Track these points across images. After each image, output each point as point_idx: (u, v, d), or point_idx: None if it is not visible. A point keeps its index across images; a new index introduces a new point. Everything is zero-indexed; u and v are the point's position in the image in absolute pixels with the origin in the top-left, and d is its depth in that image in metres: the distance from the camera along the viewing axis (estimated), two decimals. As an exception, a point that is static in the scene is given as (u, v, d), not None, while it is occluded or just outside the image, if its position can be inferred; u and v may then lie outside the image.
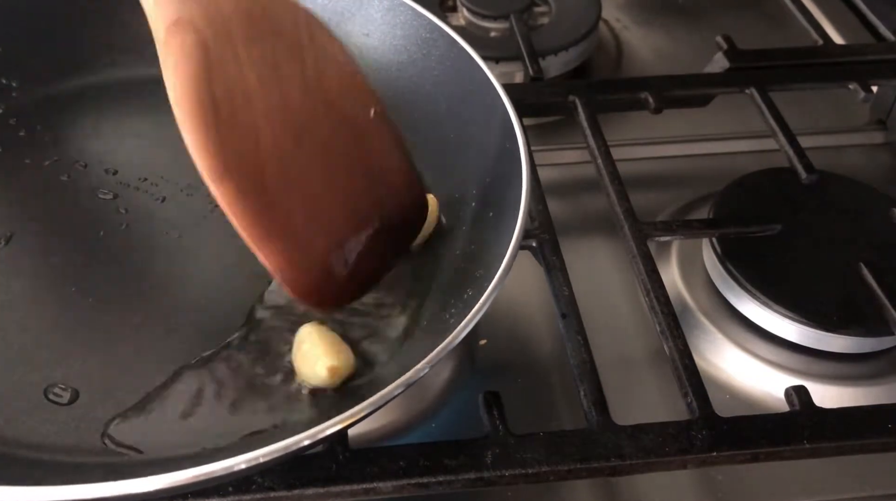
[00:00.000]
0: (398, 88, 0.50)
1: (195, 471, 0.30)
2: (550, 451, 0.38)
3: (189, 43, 0.34)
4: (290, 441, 0.31)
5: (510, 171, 0.42)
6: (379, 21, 0.52)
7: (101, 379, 0.40)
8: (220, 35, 0.35)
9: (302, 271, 0.37)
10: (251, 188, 0.35)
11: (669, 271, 0.53)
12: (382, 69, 0.51)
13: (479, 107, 0.46)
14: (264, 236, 0.36)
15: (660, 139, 0.63)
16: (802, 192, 0.54)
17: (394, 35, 0.51)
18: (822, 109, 0.66)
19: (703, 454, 0.39)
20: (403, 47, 0.51)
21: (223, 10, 0.35)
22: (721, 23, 0.74)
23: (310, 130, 0.37)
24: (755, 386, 0.48)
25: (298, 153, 0.37)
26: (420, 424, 0.44)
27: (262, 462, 0.31)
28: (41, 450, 0.37)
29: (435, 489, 0.37)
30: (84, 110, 0.52)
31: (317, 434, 0.31)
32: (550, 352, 0.49)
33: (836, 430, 0.40)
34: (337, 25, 0.52)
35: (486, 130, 0.46)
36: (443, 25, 0.49)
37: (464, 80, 0.48)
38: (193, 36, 0.34)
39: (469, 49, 0.48)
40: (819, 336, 0.48)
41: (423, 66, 0.50)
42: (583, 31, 0.66)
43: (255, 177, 0.35)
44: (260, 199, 0.35)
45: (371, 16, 0.52)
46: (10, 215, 0.47)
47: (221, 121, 0.34)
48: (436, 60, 0.49)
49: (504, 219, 0.41)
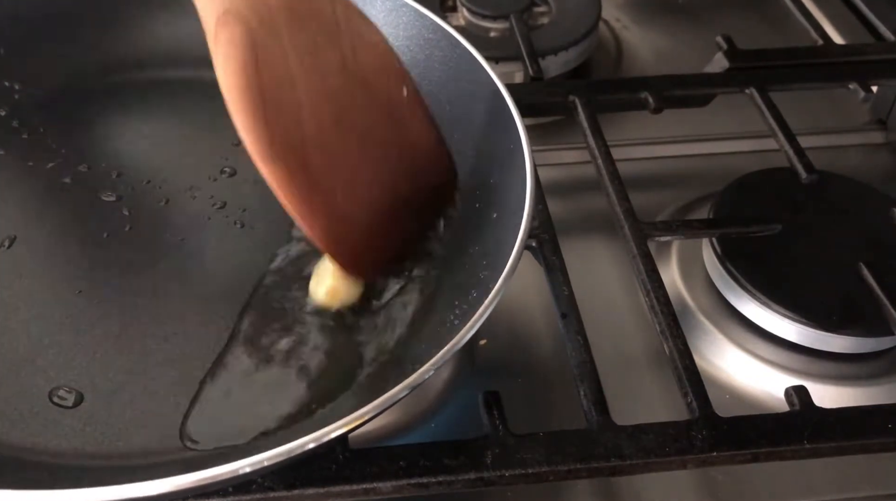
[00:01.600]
0: None
1: (196, 476, 0.30)
2: (550, 451, 0.38)
3: (237, 33, 0.36)
4: (296, 444, 0.31)
5: (513, 173, 0.42)
6: (381, 22, 0.51)
7: (105, 381, 0.40)
8: (266, 25, 0.37)
9: (346, 243, 0.40)
10: (297, 168, 0.37)
11: (669, 271, 0.53)
12: None
13: (481, 108, 0.46)
14: (310, 212, 0.38)
15: (660, 139, 0.63)
16: (802, 192, 0.54)
17: (396, 36, 0.51)
18: (822, 109, 0.66)
19: (703, 454, 0.39)
20: (406, 48, 0.51)
21: (268, 2, 0.37)
22: (721, 23, 0.74)
23: (348, 110, 0.40)
24: (755, 386, 0.48)
25: (338, 133, 0.39)
26: (420, 424, 0.44)
27: (267, 465, 0.31)
28: (45, 454, 0.37)
29: (435, 489, 0.37)
30: (87, 112, 0.53)
31: (321, 438, 0.31)
32: (550, 352, 0.49)
33: (836, 430, 0.40)
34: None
35: (490, 131, 0.46)
36: (446, 26, 0.49)
37: (467, 81, 0.48)
38: (241, 27, 0.36)
39: (472, 50, 0.48)
40: (819, 336, 0.48)
41: (426, 67, 0.50)
42: (583, 31, 0.66)
43: (300, 158, 0.37)
44: (306, 178, 0.38)
45: (373, 17, 0.51)
46: (13, 217, 0.47)
47: (269, 106, 0.36)
48: (438, 61, 0.49)
49: (508, 220, 0.41)
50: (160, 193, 0.48)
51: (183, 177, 0.49)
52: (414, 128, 0.43)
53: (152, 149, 0.51)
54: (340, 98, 0.39)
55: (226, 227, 0.47)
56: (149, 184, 0.49)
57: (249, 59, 0.36)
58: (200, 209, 0.48)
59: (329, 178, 0.39)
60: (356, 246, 0.41)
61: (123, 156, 0.50)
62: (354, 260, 0.41)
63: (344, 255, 0.40)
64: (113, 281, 0.44)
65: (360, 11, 0.41)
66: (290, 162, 0.37)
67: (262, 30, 0.36)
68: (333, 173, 0.39)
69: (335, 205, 0.39)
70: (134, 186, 0.49)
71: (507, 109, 0.44)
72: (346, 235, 0.40)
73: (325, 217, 0.39)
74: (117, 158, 0.50)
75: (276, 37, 0.37)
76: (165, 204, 0.48)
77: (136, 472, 0.33)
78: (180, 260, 0.45)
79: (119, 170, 0.49)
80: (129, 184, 0.49)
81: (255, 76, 0.36)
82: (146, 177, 0.49)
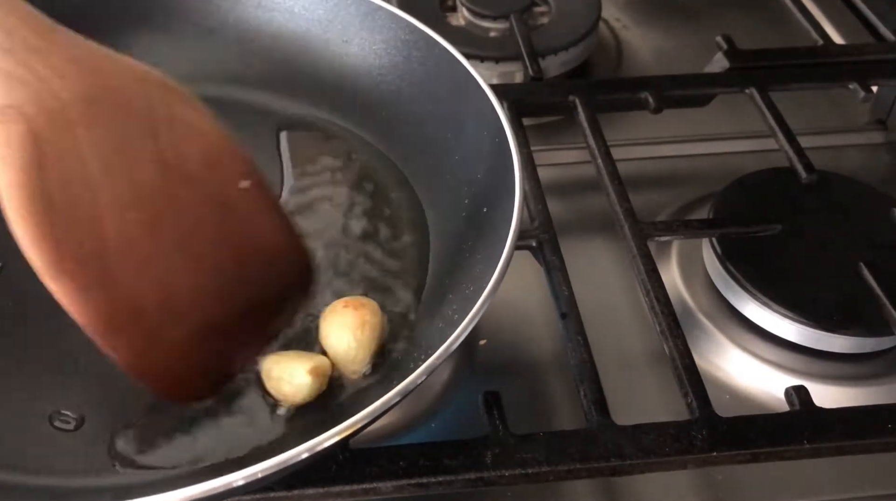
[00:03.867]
0: (381, 93, 0.50)
1: (191, 490, 0.30)
2: (550, 451, 0.38)
3: (16, 133, 0.31)
4: (289, 455, 0.30)
5: (501, 167, 0.42)
6: (357, 26, 0.52)
7: (104, 401, 0.39)
8: (56, 122, 0.32)
9: (162, 368, 0.36)
10: (94, 283, 0.33)
11: (669, 271, 0.53)
12: (364, 75, 0.51)
13: (464, 105, 0.46)
14: (113, 335, 0.34)
15: (660, 139, 0.63)
16: (802, 192, 0.54)
17: (373, 40, 0.51)
18: (822, 109, 0.66)
19: (703, 454, 0.39)
20: (384, 51, 0.51)
21: (59, 96, 0.32)
22: (721, 23, 0.74)
23: (166, 213, 0.35)
24: (755, 386, 0.48)
25: (153, 239, 0.35)
26: (420, 424, 0.44)
27: (261, 477, 0.30)
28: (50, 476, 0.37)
29: (435, 489, 0.37)
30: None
31: (315, 447, 0.31)
32: (550, 352, 0.49)
33: (836, 430, 0.40)
34: (315, 34, 0.52)
35: (473, 127, 0.45)
36: (421, 26, 0.49)
37: (447, 80, 0.48)
38: (22, 126, 0.31)
39: (450, 48, 0.48)
40: (819, 336, 0.48)
41: (405, 69, 0.50)
42: (583, 31, 0.66)
43: (98, 272, 0.33)
44: (105, 294, 0.33)
45: (349, 22, 0.52)
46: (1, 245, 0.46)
47: (58, 215, 0.32)
48: (417, 62, 0.49)
49: (498, 212, 0.40)
50: None
51: None
52: (258, 223, 0.38)
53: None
54: (156, 199, 0.34)
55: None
56: None
57: (32, 161, 0.31)
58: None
59: (139, 294, 0.34)
60: (177, 369, 0.36)
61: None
62: (173, 386, 0.36)
63: (158, 382, 0.36)
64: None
65: (184, 96, 0.36)
66: (84, 277, 0.32)
67: (51, 128, 0.32)
68: (145, 288, 0.34)
69: (147, 325, 0.34)
70: None
71: (491, 104, 0.44)
72: (163, 360, 0.35)
73: (136, 339, 0.34)
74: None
75: (69, 135, 0.32)
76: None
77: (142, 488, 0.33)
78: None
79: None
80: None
81: (38, 182, 0.31)
82: None
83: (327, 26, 0.52)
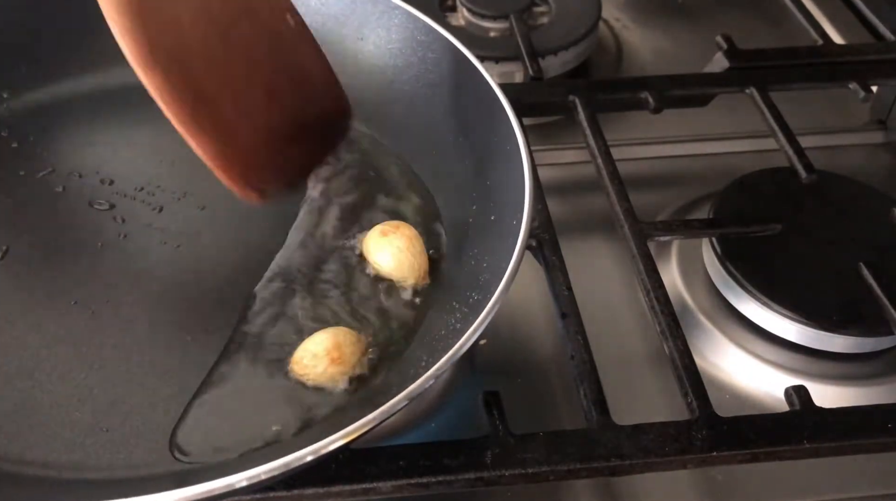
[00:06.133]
0: (394, 92, 0.50)
1: (191, 490, 0.30)
2: (550, 451, 0.38)
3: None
4: (293, 457, 0.31)
5: (511, 173, 0.42)
6: (373, 24, 0.51)
7: (104, 393, 0.39)
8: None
9: (233, 159, 0.40)
10: (179, 79, 0.37)
11: (669, 271, 0.53)
12: (377, 73, 0.51)
13: (476, 108, 0.46)
14: (193, 123, 0.38)
15: (660, 139, 0.63)
16: (802, 192, 0.54)
17: (389, 39, 0.51)
18: (822, 109, 0.66)
19: (703, 454, 0.39)
20: (399, 51, 0.50)
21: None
22: (721, 23, 0.74)
23: (232, 31, 0.40)
24: (755, 386, 0.48)
25: (224, 50, 0.40)
26: (420, 424, 0.44)
27: (264, 478, 0.30)
28: (45, 467, 0.37)
29: (435, 489, 0.37)
30: (78, 120, 0.52)
31: (320, 450, 0.31)
32: (550, 352, 0.49)
33: (836, 430, 0.40)
34: (331, 29, 0.52)
35: (485, 132, 0.45)
36: (438, 28, 0.49)
37: (461, 83, 0.48)
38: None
39: (465, 51, 0.47)
40: (819, 336, 0.48)
41: (420, 69, 0.50)
42: (583, 31, 0.66)
43: (182, 69, 0.37)
44: (189, 90, 0.38)
45: (365, 19, 0.52)
46: (5, 229, 0.46)
47: (146, 9, 0.36)
48: (432, 63, 0.49)
49: (506, 221, 0.41)
50: (153, 201, 0.48)
51: (177, 184, 0.48)
52: (302, 58, 0.44)
53: (145, 156, 0.50)
54: (223, 18, 0.40)
55: (222, 234, 0.46)
56: (142, 192, 0.48)
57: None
58: (194, 216, 0.47)
59: (214, 91, 0.39)
60: (245, 163, 0.41)
61: (115, 164, 0.50)
62: (242, 178, 0.40)
63: (230, 171, 0.40)
64: (108, 290, 0.43)
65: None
66: (171, 69, 0.37)
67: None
68: (219, 86, 0.39)
69: (221, 118, 0.39)
70: (127, 194, 0.48)
71: (504, 111, 0.44)
72: (233, 151, 0.40)
73: (211, 129, 0.39)
74: (109, 166, 0.49)
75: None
76: (159, 212, 0.47)
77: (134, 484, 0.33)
78: (176, 269, 0.45)
79: (112, 178, 0.49)
80: (123, 192, 0.48)
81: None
82: (139, 185, 0.48)
83: (343, 22, 0.52)
